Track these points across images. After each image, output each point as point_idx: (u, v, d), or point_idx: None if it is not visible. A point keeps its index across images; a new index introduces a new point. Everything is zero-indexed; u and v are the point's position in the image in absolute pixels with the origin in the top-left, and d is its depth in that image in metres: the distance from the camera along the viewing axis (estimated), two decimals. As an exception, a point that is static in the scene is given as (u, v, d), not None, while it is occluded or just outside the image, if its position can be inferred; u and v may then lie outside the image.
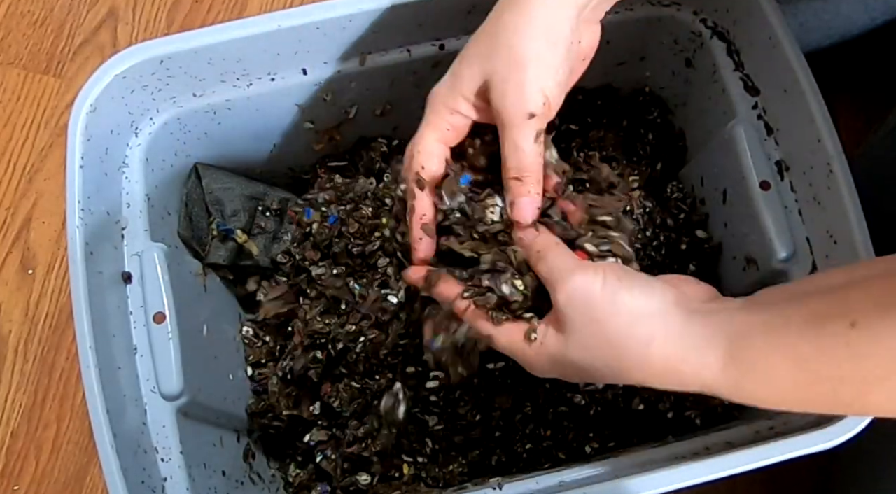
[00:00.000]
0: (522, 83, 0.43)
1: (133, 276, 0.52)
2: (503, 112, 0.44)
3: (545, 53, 0.43)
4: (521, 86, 0.43)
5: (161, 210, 0.57)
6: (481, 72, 0.44)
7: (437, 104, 0.47)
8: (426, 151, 0.46)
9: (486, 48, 0.44)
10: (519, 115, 0.43)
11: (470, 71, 0.45)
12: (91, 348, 0.46)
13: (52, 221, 0.81)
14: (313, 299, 0.60)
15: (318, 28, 0.54)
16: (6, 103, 0.85)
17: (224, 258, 0.60)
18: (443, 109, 0.46)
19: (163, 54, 0.53)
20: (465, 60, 0.46)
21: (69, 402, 0.75)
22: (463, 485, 0.56)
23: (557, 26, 0.44)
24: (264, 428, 0.59)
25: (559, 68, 0.44)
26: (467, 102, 0.45)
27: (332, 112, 0.62)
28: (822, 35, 0.72)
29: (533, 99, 0.43)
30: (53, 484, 0.73)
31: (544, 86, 0.43)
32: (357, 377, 0.58)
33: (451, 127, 0.46)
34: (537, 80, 0.43)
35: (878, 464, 0.60)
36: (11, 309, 0.78)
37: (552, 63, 0.44)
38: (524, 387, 0.58)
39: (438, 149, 0.47)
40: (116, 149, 0.55)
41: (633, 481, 0.46)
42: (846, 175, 0.50)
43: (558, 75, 0.44)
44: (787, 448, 0.46)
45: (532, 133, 0.44)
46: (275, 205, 0.63)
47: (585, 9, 0.45)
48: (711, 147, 0.60)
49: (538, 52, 0.43)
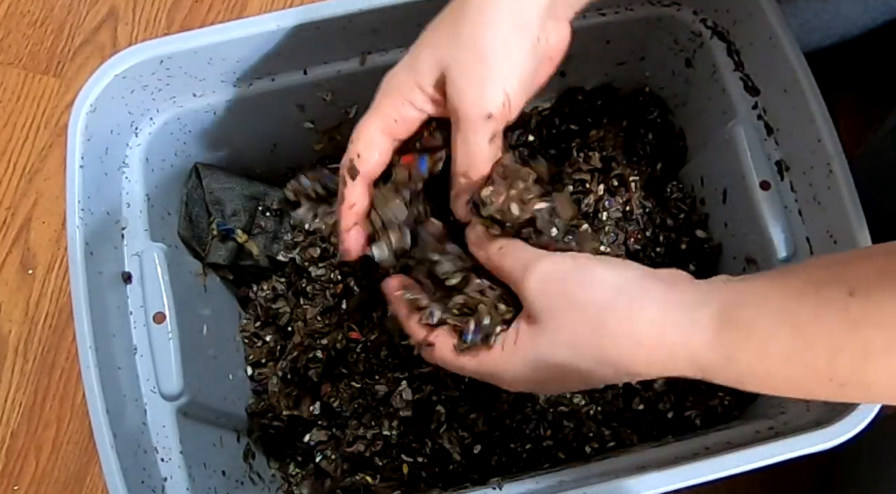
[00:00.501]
0: (483, 80, 0.40)
1: (133, 276, 0.52)
2: (459, 108, 0.41)
3: (510, 48, 0.40)
4: (482, 82, 0.40)
5: (161, 210, 0.57)
6: (439, 61, 0.41)
7: (391, 90, 0.43)
8: (366, 139, 0.43)
9: (447, 36, 0.41)
10: (475, 114, 0.41)
11: (428, 59, 0.42)
12: (91, 348, 0.46)
13: (52, 221, 0.81)
14: (313, 299, 0.60)
15: (318, 28, 0.54)
16: (6, 103, 0.85)
17: (224, 258, 0.60)
18: (396, 97, 0.43)
19: (163, 54, 0.53)
20: (423, 46, 0.42)
21: (69, 402, 0.75)
22: (463, 485, 0.56)
23: (525, 18, 0.40)
24: (264, 428, 0.59)
25: (523, 65, 0.41)
26: (423, 94, 0.42)
27: (332, 112, 0.62)
28: (823, 35, 0.72)
29: (493, 98, 0.40)
30: (53, 484, 0.73)
31: (506, 85, 0.40)
32: (357, 377, 0.58)
33: (400, 118, 0.43)
34: (499, 78, 0.40)
35: (878, 464, 0.60)
36: (11, 309, 0.78)
37: (516, 59, 0.41)
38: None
39: (381, 140, 0.44)
40: (116, 149, 0.55)
41: (633, 481, 0.46)
42: (846, 175, 0.50)
43: (522, 73, 0.41)
44: (787, 448, 0.46)
45: (487, 134, 0.41)
46: (275, 205, 0.63)
47: (555, 4, 0.42)
48: (711, 147, 0.60)
49: (502, 46, 0.40)
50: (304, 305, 0.60)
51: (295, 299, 0.61)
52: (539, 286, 0.39)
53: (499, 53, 0.40)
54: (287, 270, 0.62)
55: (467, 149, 0.42)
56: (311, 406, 0.59)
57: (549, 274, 0.39)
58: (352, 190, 0.44)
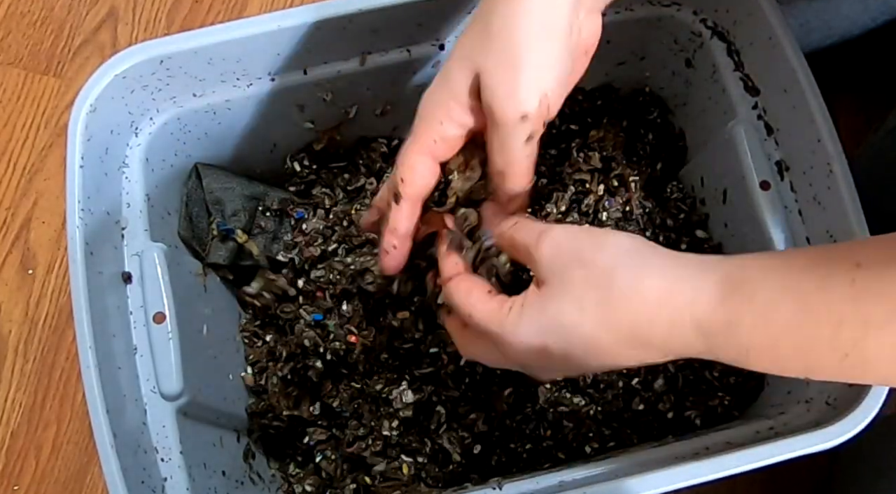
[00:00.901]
0: (516, 80, 0.40)
1: (133, 276, 0.52)
2: (493, 110, 0.41)
3: (542, 48, 0.40)
4: (515, 83, 0.40)
5: (161, 210, 0.57)
6: (472, 67, 0.41)
7: (427, 112, 0.43)
8: (409, 164, 0.44)
9: (479, 42, 0.41)
10: (510, 116, 0.41)
11: (461, 67, 0.42)
12: (91, 348, 0.46)
13: (52, 221, 0.81)
14: (313, 300, 0.60)
15: (318, 28, 0.54)
16: (6, 103, 0.85)
17: (224, 258, 0.60)
18: (433, 118, 0.43)
19: (163, 54, 0.53)
20: (455, 58, 0.42)
21: (69, 402, 0.75)
22: (463, 485, 0.56)
23: (555, 16, 0.40)
24: (264, 428, 0.59)
25: (557, 64, 0.41)
26: (460, 106, 0.42)
27: (332, 112, 0.62)
28: (823, 35, 0.72)
29: (527, 98, 0.40)
30: (53, 484, 0.73)
31: (541, 85, 0.40)
32: (357, 377, 0.58)
33: (440, 138, 0.43)
34: (533, 78, 0.40)
35: (878, 464, 0.60)
36: (11, 309, 0.78)
37: (549, 60, 0.41)
38: (524, 387, 0.58)
39: (423, 163, 0.44)
40: (116, 149, 0.55)
41: (633, 481, 0.46)
42: (846, 175, 0.50)
43: (556, 72, 0.41)
44: (787, 448, 0.46)
45: (523, 135, 0.41)
46: (275, 205, 0.63)
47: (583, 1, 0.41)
48: (711, 147, 0.60)
49: (534, 46, 0.40)
50: (303, 306, 0.60)
51: (294, 299, 0.61)
52: (552, 251, 0.39)
53: (531, 53, 0.40)
54: (286, 271, 0.62)
55: (503, 150, 0.42)
56: (311, 406, 0.59)
57: (563, 239, 0.39)
58: (396, 213, 0.45)
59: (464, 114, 0.43)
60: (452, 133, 0.43)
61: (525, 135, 0.41)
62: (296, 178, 0.65)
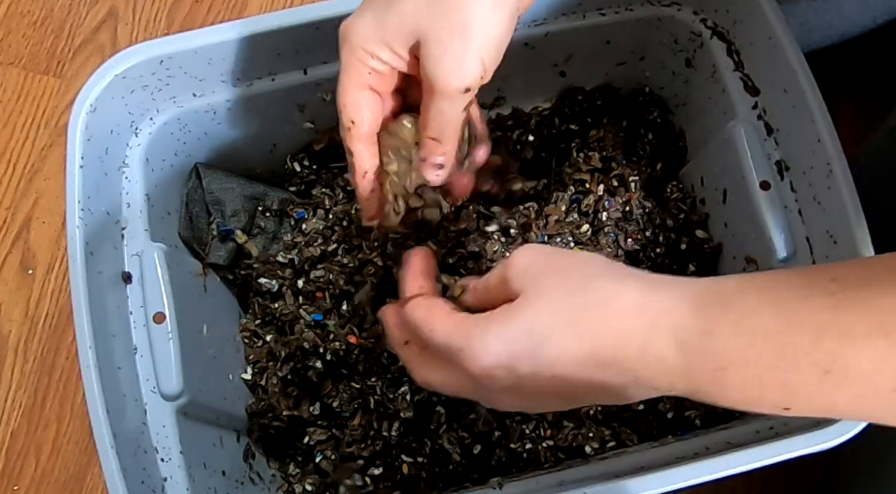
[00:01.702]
0: (462, 53, 0.39)
1: (133, 276, 0.52)
2: (436, 80, 0.40)
3: (489, 18, 0.39)
4: (461, 56, 0.39)
5: (161, 210, 0.57)
6: (414, 28, 0.40)
7: (355, 46, 0.41)
8: (351, 103, 0.43)
9: (423, 2, 0.39)
10: (453, 87, 0.40)
11: (401, 23, 0.40)
12: (91, 348, 0.46)
13: (52, 221, 0.81)
14: (313, 300, 0.60)
15: (318, 28, 0.54)
16: (6, 103, 0.85)
17: (224, 258, 0.60)
18: (362, 53, 0.41)
19: (163, 54, 0.53)
20: (395, 9, 0.40)
21: (69, 402, 0.75)
22: (463, 485, 0.56)
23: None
24: (264, 428, 0.59)
25: (501, 36, 0.40)
26: (392, 53, 0.41)
27: (332, 112, 0.61)
28: (823, 35, 0.72)
29: (471, 70, 0.39)
30: (53, 484, 0.73)
31: (485, 57, 0.39)
32: (357, 377, 0.58)
33: (372, 71, 0.42)
34: (477, 50, 0.39)
35: (878, 464, 0.60)
36: (11, 309, 0.78)
37: (496, 30, 0.39)
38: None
39: (366, 97, 0.43)
40: (116, 149, 0.55)
41: (633, 481, 0.46)
42: (846, 175, 0.50)
43: (499, 43, 0.40)
44: (787, 448, 0.46)
45: (462, 104, 0.41)
46: (275, 205, 0.63)
47: None
48: (711, 147, 0.60)
49: (482, 17, 0.38)
50: (303, 306, 0.60)
51: (294, 299, 0.61)
52: (526, 260, 0.38)
53: (478, 26, 0.39)
54: (286, 271, 0.62)
55: (441, 117, 0.41)
56: (311, 406, 0.59)
57: (537, 251, 0.38)
58: (359, 156, 0.44)
59: (395, 59, 0.42)
60: (383, 69, 0.42)
61: (465, 105, 0.41)
62: (296, 178, 0.65)
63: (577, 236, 0.58)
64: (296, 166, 0.65)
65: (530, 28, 0.59)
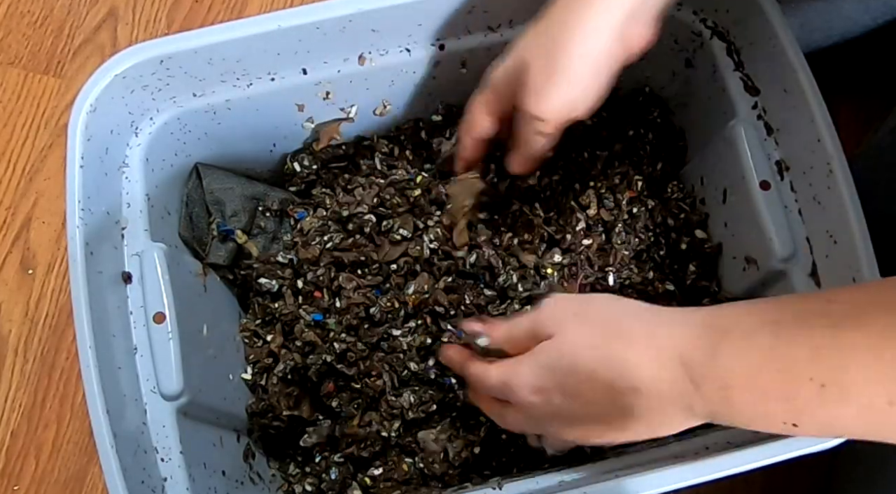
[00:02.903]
0: (545, 91, 0.47)
1: (133, 276, 0.52)
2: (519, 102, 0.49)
3: (577, 67, 0.46)
4: (544, 93, 0.47)
5: (161, 210, 0.57)
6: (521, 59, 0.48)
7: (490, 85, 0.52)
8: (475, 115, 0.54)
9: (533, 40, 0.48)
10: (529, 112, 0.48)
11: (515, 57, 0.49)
12: (91, 348, 0.46)
13: (52, 221, 0.81)
14: (312, 300, 0.60)
15: (318, 28, 0.54)
16: (6, 103, 0.85)
17: (224, 258, 0.60)
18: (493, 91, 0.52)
19: (163, 54, 0.53)
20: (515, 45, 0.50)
21: (69, 402, 0.75)
22: (463, 485, 0.56)
23: (597, 45, 0.46)
24: (264, 428, 0.59)
25: (587, 84, 0.47)
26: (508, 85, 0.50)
27: (332, 112, 0.62)
28: (824, 35, 0.71)
29: (548, 107, 0.47)
30: (53, 484, 0.73)
31: (565, 99, 0.47)
32: (357, 377, 0.58)
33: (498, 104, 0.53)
34: (561, 94, 0.47)
35: (877, 464, 0.60)
36: (11, 309, 0.78)
37: (579, 80, 0.46)
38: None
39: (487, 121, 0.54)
40: (116, 149, 0.55)
41: (633, 481, 0.46)
42: (846, 175, 0.50)
43: (582, 89, 0.47)
44: (787, 448, 0.46)
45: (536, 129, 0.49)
46: (275, 205, 0.63)
47: (637, 11, 0.46)
48: (711, 147, 0.60)
49: (571, 67, 0.46)
50: (303, 306, 0.60)
51: (294, 299, 0.61)
52: (552, 309, 0.45)
53: (566, 72, 0.46)
54: (285, 272, 0.62)
55: (518, 133, 0.51)
56: (311, 406, 0.59)
57: (559, 300, 0.45)
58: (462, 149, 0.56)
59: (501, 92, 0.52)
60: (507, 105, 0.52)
61: (537, 130, 0.49)
62: (296, 178, 0.65)
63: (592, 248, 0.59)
64: (296, 166, 0.65)
65: (530, 28, 0.59)
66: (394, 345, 0.57)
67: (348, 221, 0.60)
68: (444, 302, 0.57)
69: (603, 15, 0.45)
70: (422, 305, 0.57)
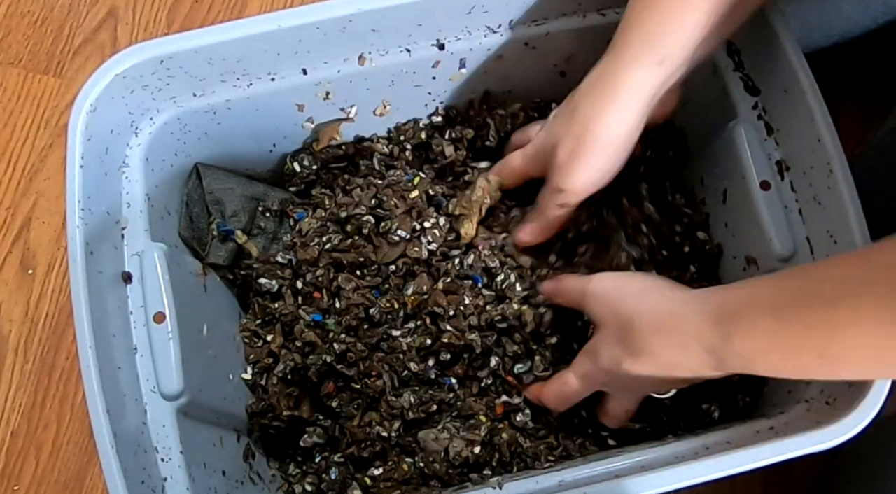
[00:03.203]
0: (571, 169, 0.52)
1: (133, 276, 0.52)
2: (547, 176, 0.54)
3: (600, 152, 0.51)
4: (570, 171, 0.52)
5: (161, 210, 0.57)
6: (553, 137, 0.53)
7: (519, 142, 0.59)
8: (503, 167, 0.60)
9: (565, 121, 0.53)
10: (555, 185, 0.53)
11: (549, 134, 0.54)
12: (91, 348, 0.46)
13: (52, 221, 0.81)
14: (312, 301, 0.60)
15: (318, 28, 0.54)
16: (6, 103, 0.85)
17: (224, 258, 0.60)
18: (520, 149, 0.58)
19: (163, 54, 0.53)
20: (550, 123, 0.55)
21: (69, 402, 0.75)
22: (463, 485, 0.56)
23: (624, 120, 0.50)
24: (264, 428, 0.59)
25: (609, 164, 0.52)
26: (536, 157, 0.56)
27: (331, 112, 0.62)
28: (824, 35, 0.71)
29: (573, 184, 0.52)
30: (53, 484, 0.73)
31: (590, 178, 0.52)
32: (357, 377, 0.58)
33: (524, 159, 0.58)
34: (588, 170, 0.51)
35: (877, 464, 0.60)
36: (11, 309, 0.78)
37: (603, 161, 0.51)
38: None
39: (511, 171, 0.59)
40: (116, 149, 0.55)
41: (633, 481, 0.46)
42: (846, 175, 0.50)
43: (606, 168, 0.52)
44: (787, 448, 0.46)
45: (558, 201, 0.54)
46: (275, 205, 0.63)
47: (665, 84, 0.50)
48: (711, 147, 0.60)
49: (594, 150, 0.51)
50: (303, 307, 0.60)
51: (294, 299, 0.61)
52: (594, 303, 0.51)
53: (589, 158, 0.51)
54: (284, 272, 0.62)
55: (540, 202, 0.56)
56: (311, 406, 0.59)
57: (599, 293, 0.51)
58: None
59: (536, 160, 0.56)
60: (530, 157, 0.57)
61: (560, 202, 0.54)
62: (296, 178, 0.65)
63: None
64: (296, 166, 0.65)
65: (530, 28, 0.59)
66: (393, 346, 0.57)
67: (346, 222, 0.60)
68: (443, 303, 0.57)
69: (628, 100, 0.49)
70: (421, 306, 0.57)
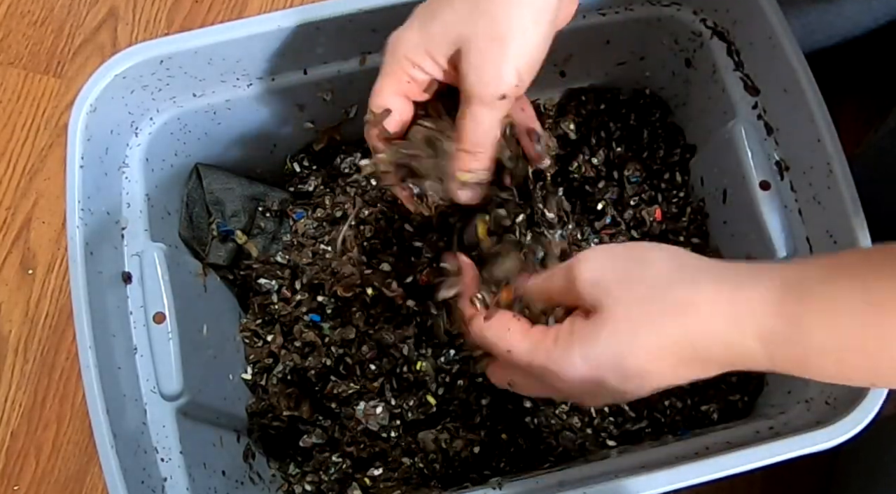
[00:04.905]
0: (500, 61, 0.40)
1: (133, 276, 0.52)
2: (474, 87, 0.41)
3: (529, 29, 0.40)
4: (499, 64, 0.40)
5: (161, 210, 0.57)
6: (456, 37, 0.41)
7: (399, 54, 0.43)
8: (381, 103, 0.45)
9: (466, 12, 0.41)
10: (489, 94, 0.41)
11: (444, 33, 0.42)
12: (91, 348, 0.46)
13: (52, 221, 0.81)
14: (311, 301, 0.60)
15: (318, 28, 0.54)
16: (6, 103, 0.85)
17: (224, 259, 0.60)
18: (405, 61, 0.43)
19: (163, 54, 0.53)
20: (438, 18, 0.42)
21: (69, 402, 0.75)
22: (463, 485, 0.56)
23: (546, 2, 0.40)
24: (264, 428, 0.59)
25: (540, 46, 0.41)
26: (434, 63, 0.43)
27: (332, 112, 0.62)
28: (825, 36, 0.71)
29: (507, 79, 0.41)
30: (53, 484, 0.73)
31: (520, 66, 0.41)
32: (356, 378, 0.58)
33: (412, 79, 0.44)
34: (515, 59, 0.40)
35: (877, 464, 0.60)
36: (11, 309, 0.78)
37: (534, 41, 0.41)
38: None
39: (399, 103, 0.45)
40: (116, 149, 0.55)
41: (633, 481, 0.46)
42: (846, 175, 0.50)
43: (537, 54, 0.41)
44: (787, 448, 0.46)
45: (499, 113, 0.42)
46: (275, 205, 0.63)
47: None
48: (711, 147, 0.60)
49: (522, 27, 0.40)
50: (302, 306, 0.60)
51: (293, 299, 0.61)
52: (593, 274, 0.38)
53: (517, 36, 0.40)
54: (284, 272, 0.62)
55: (477, 127, 0.43)
56: (311, 406, 0.59)
57: (601, 260, 0.38)
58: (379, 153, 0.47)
59: (435, 69, 0.43)
60: (423, 78, 0.44)
61: (501, 114, 0.42)
62: (296, 178, 0.65)
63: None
64: (296, 166, 0.65)
65: (530, 28, 0.59)
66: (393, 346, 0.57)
67: (341, 223, 0.60)
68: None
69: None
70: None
